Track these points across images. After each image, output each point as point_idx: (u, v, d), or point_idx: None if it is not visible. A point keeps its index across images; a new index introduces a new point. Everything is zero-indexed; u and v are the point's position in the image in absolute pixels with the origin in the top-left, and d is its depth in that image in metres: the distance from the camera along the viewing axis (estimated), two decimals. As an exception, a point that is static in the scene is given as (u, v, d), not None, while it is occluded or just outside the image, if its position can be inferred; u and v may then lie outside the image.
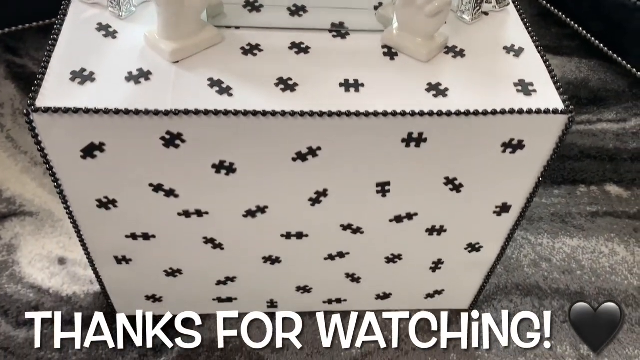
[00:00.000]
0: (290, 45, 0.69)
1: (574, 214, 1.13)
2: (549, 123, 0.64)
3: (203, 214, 0.72)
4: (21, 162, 1.13)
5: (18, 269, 0.98)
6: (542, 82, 0.66)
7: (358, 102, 0.63)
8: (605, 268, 1.05)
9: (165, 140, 0.62)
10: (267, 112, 0.60)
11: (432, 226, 0.78)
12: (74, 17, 0.69)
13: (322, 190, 0.70)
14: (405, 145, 0.65)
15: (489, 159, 0.68)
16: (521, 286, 1.01)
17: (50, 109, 0.59)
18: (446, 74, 0.67)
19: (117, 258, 0.80)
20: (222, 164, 0.66)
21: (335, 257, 0.82)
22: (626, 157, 1.24)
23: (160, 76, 0.63)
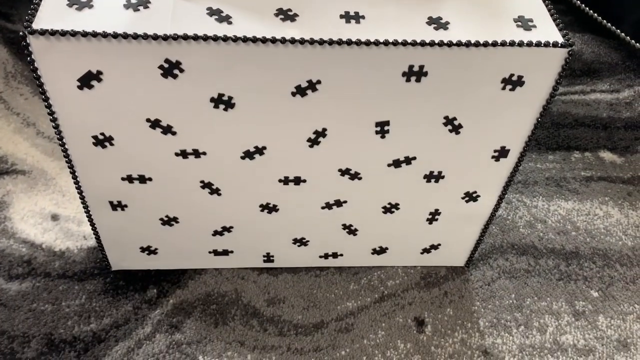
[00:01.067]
0: (290, -19, 0.68)
1: (568, 179, 1.14)
2: (549, 56, 0.64)
3: (200, 154, 0.72)
4: (13, 123, 1.12)
5: (10, 225, 0.96)
6: (541, 18, 0.67)
7: (359, 32, 0.62)
8: (600, 229, 1.06)
9: (163, 69, 0.62)
10: (267, 39, 0.60)
11: (430, 172, 0.78)
12: (71, -49, 0.68)
13: (321, 129, 0.70)
14: (406, 80, 0.65)
15: (489, 96, 0.68)
16: (517, 245, 1.02)
17: (47, 31, 0.58)
18: (447, 9, 0.67)
19: (112, 203, 0.79)
20: (221, 98, 0.65)
21: (332, 206, 0.82)
22: (619, 125, 1.25)
23: (159, 4, 0.62)
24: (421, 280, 0.95)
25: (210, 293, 0.90)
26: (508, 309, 0.93)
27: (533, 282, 0.97)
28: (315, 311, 0.90)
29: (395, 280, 0.95)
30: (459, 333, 0.90)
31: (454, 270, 0.97)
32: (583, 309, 0.94)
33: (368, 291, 0.93)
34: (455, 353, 0.87)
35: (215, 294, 0.90)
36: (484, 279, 0.96)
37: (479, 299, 0.94)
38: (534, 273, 0.98)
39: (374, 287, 0.94)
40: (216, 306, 0.89)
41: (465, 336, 0.89)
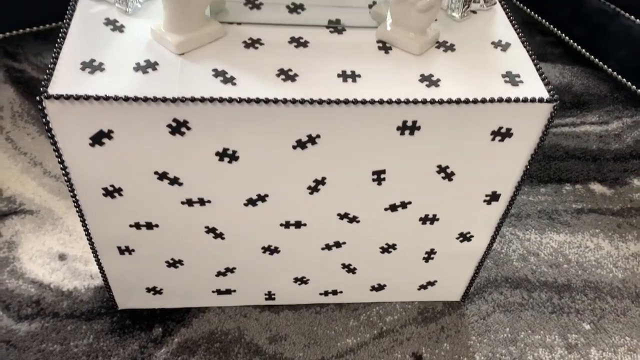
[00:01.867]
0: (290, 40, 0.72)
1: (560, 211, 1.17)
2: (535, 111, 0.68)
3: (205, 202, 0.75)
4: (21, 163, 1.15)
5: (19, 265, 0.99)
6: (528, 74, 0.70)
7: (355, 91, 0.66)
8: (591, 262, 1.09)
9: (171, 128, 0.65)
10: (269, 99, 0.64)
11: (425, 215, 0.81)
12: (82, 13, 0.72)
13: (321, 178, 0.74)
14: (400, 133, 0.69)
15: (479, 147, 0.71)
16: (510, 279, 1.05)
17: (62, 96, 0.61)
18: (438, 66, 0.71)
19: (120, 248, 0.82)
20: (226, 152, 0.69)
21: (332, 247, 0.85)
22: (609, 157, 1.29)
23: (167, 67, 0.66)
24: (418, 315, 0.98)
25: (214, 331, 0.93)
26: (503, 343, 0.96)
27: (527, 315, 1.00)
28: (316, 348, 0.93)
29: (394, 315, 0.98)
30: (456, 367, 0.92)
31: (450, 305, 1.00)
32: (575, 342, 0.97)
33: (367, 327, 0.96)
34: (452, 388, 0.90)
35: (219, 332, 0.93)
36: (479, 313, 0.99)
37: (474, 333, 0.97)
38: (527, 306, 1.01)
39: (373, 323, 0.97)
40: (220, 344, 0.92)
41: (461, 371, 0.92)
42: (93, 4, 0.74)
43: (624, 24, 1.18)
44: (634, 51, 1.18)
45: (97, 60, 0.66)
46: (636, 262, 1.10)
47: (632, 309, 1.02)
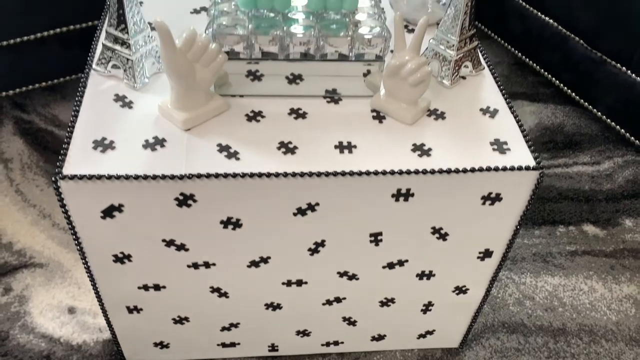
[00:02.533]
0: (289, 111, 0.77)
1: (554, 254, 1.20)
2: (522, 178, 0.72)
3: (210, 265, 0.79)
4: (30, 215, 1.19)
5: (29, 319, 1.02)
6: (515, 141, 0.74)
7: (351, 162, 0.70)
8: (585, 305, 1.12)
9: (178, 201, 0.69)
10: (270, 173, 0.68)
11: (422, 271, 0.84)
12: (93, 89, 0.77)
13: (320, 241, 0.77)
14: (395, 200, 0.72)
15: (471, 211, 0.75)
16: (507, 324, 1.08)
17: (75, 176, 0.65)
18: (429, 135, 0.75)
19: (128, 308, 0.85)
20: (229, 220, 0.72)
21: (332, 302, 0.88)
22: (601, 197, 1.32)
23: (174, 143, 0.70)
24: (418, 362, 1.01)
25: (219, 383, 0.96)
26: (501, 389, 0.98)
27: (524, 360, 1.03)
28: (319, 398, 0.95)
29: (394, 363, 1.00)
30: (455, 415, 0.95)
31: (449, 352, 1.03)
32: (572, 387, 0.99)
33: (368, 376, 0.98)
34: None
35: (224, 383, 0.96)
36: (476, 359, 1.02)
37: (473, 380, 0.99)
38: (524, 351, 1.04)
39: (373, 371, 0.99)
40: (225, 396, 0.94)
41: (461, 418, 0.94)
42: (103, 79, 0.78)
43: (611, 71, 1.22)
44: (621, 97, 1.22)
45: (108, 139, 0.70)
46: (629, 304, 1.13)
47: (626, 352, 1.05)
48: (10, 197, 1.22)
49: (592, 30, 1.23)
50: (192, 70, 0.69)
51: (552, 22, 1.32)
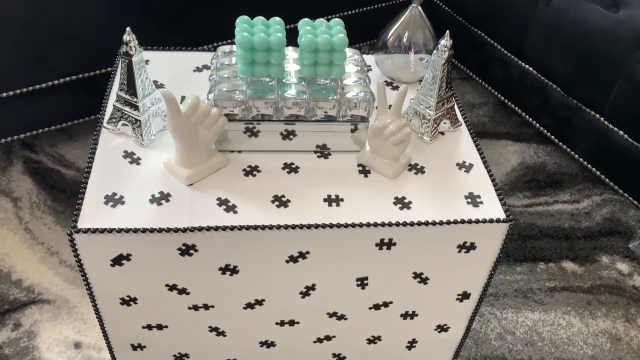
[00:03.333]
0: (283, 166, 0.84)
1: (534, 290, 1.27)
2: (494, 229, 0.79)
3: (209, 307, 0.85)
4: (38, 253, 1.26)
5: (38, 354, 1.08)
6: (487, 195, 0.82)
7: (339, 214, 0.77)
8: (563, 339, 1.18)
9: (181, 251, 0.76)
10: (265, 226, 0.75)
11: (406, 312, 0.91)
12: (104, 145, 0.84)
13: (311, 285, 0.84)
14: (379, 249, 0.80)
15: (448, 258, 0.82)
16: (489, 358, 1.14)
17: (89, 230, 0.72)
18: (410, 189, 0.82)
19: (133, 345, 0.91)
20: (227, 267, 0.79)
21: (323, 340, 0.95)
22: (579, 235, 1.40)
23: (178, 197, 0.78)
24: (404, 395, 1.07)
25: (216, 415, 1.02)
26: (482, 422, 1.04)
27: (504, 393, 1.09)
28: None
29: (381, 396, 1.06)
30: None
31: (433, 385, 1.09)
32: (549, 419, 1.05)
33: (357, 408, 1.04)
34: None
35: (221, 416, 1.01)
36: (460, 393, 1.08)
37: (456, 412, 1.05)
38: (505, 385, 1.10)
39: (362, 404, 1.05)
40: None
41: None
42: (114, 136, 0.86)
43: (586, 117, 1.31)
44: (596, 142, 1.30)
45: (118, 194, 0.77)
46: (605, 338, 1.19)
47: (601, 385, 1.12)
48: (20, 235, 1.29)
49: (568, 79, 1.32)
50: (196, 132, 0.77)
51: (531, 70, 1.40)
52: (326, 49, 0.79)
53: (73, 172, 1.44)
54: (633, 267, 1.33)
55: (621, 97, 1.21)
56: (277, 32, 0.79)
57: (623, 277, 1.31)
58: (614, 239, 1.39)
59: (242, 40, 0.78)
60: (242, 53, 0.79)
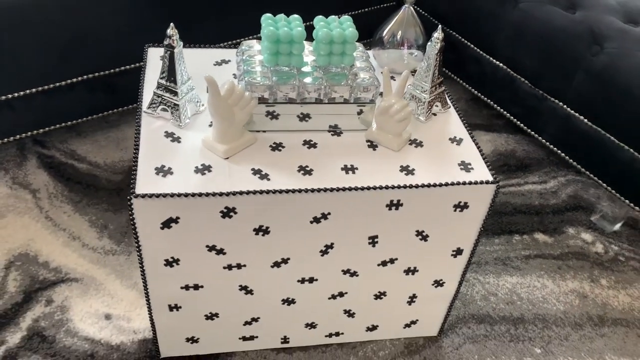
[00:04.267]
0: (303, 142, 0.98)
1: (512, 258, 1.44)
2: (484, 190, 0.95)
3: (242, 266, 0.98)
4: (61, 238, 1.35)
5: (72, 325, 1.18)
6: (477, 163, 0.97)
7: (355, 180, 0.92)
8: (539, 298, 1.35)
9: (223, 213, 0.89)
10: (295, 190, 0.88)
11: (408, 267, 1.06)
12: (146, 127, 0.96)
13: (330, 243, 0.98)
14: (388, 209, 0.94)
15: (445, 216, 0.97)
16: (475, 316, 1.29)
17: (146, 195, 0.84)
18: (412, 159, 0.97)
19: (170, 306, 1.03)
20: (260, 228, 0.92)
21: (336, 297, 1.08)
22: (548, 211, 1.57)
23: (218, 169, 0.90)
24: (405, 349, 1.21)
25: (240, 371, 1.14)
26: (473, 368, 1.19)
27: (490, 344, 1.24)
28: (325, 380, 1.14)
29: (385, 350, 1.20)
30: (437, 389, 1.15)
31: (429, 339, 1.23)
32: (530, 364, 1.21)
33: (364, 361, 1.18)
34: (435, 406, 1.13)
35: (245, 371, 1.14)
36: (453, 345, 1.23)
37: None
38: (490, 337, 1.25)
39: (369, 357, 1.19)
40: (246, 381, 1.12)
41: (442, 392, 1.15)
42: (153, 120, 0.98)
43: (551, 105, 1.49)
44: (560, 127, 1.48)
45: (167, 166, 0.89)
46: (573, 296, 1.36)
47: (572, 334, 1.28)
48: (42, 222, 1.38)
49: (535, 73, 1.50)
50: (232, 112, 0.90)
51: (501, 65, 1.58)
52: (340, 41, 0.94)
53: (86, 165, 1.54)
54: (595, 237, 1.51)
55: (581, 86, 1.39)
56: (297, 27, 0.93)
57: (587, 245, 1.49)
58: (578, 213, 1.57)
59: (269, 33, 0.92)
60: (268, 45, 0.93)
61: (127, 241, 1.36)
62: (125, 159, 1.57)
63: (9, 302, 1.21)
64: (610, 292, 1.38)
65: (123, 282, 1.27)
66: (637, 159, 1.34)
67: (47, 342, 1.15)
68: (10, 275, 1.26)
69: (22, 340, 1.15)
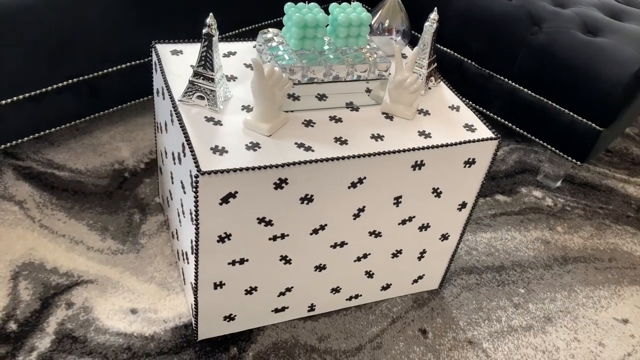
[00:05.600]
0: (330, 118, 1.08)
1: (482, 217, 1.63)
2: (488, 146, 1.10)
3: (285, 236, 1.06)
4: (63, 244, 1.33)
5: (100, 324, 1.18)
6: (477, 124, 1.13)
7: (384, 146, 1.03)
8: (512, 248, 1.54)
9: (276, 185, 0.97)
10: (338, 157, 0.98)
11: (422, 224, 1.19)
12: (186, 114, 1.01)
13: (362, 207, 1.09)
14: (413, 170, 1.07)
15: (457, 172, 1.12)
16: (465, 268, 1.46)
17: (211, 172, 0.90)
18: (425, 125, 1.11)
19: (215, 284, 1.08)
20: (306, 196, 1.01)
21: (361, 259, 1.19)
22: (501, 175, 1.79)
23: (265, 145, 0.98)
24: (414, 303, 1.34)
25: (276, 342, 1.21)
26: (474, 311, 1.35)
27: (482, 290, 1.41)
28: (354, 339, 1.24)
29: (397, 307, 1.33)
30: (449, 333, 1.29)
31: (432, 293, 1.38)
32: (518, 301, 1.40)
33: (383, 318, 1.30)
34: (452, 347, 1.27)
35: (280, 342, 1.21)
36: (452, 295, 1.38)
37: (454, 308, 1.35)
38: (481, 284, 1.42)
39: (385, 314, 1.31)
40: (284, 351, 1.20)
41: (454, 334, 1.29)
42: (189, 107, 1.03)
43: (497, 82, 1.70)
44: (507, 101, 1.70)
45: (220, 146, 0.96)
46: (539, 243, 1.57)
47: (545, 274, 1.49)
48: (37, 231, 1.35)
49: (480, 54, 1.70)
50: (273, 92, 0.98)
51: (449, 51, 1.77)
52: (357, 24, 1.06)
53: (67, 172, 1.52)
54: (544, 193, 1.75)
55: (524, 63, 1.61)
56: (320, 13, 1.04)
57: (539, 200, 1.72)
58: (526, 175, 1.81)
59: (297, 20, 1.01)
60: (296, 30, 1.03)
61: (131, 240, 1.37)
62: (107, 164, 1.57)
63: (27, 310, 1.19)
64: (567, 237, 1.61)
65: (139, 278, 1.29)
66: (576, 120, 1.58)
67: (79, 342, 1.15)
68: (20, 284, 1.23)
69: (52, 344, 1.14)
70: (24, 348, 1.12)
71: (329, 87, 1.10)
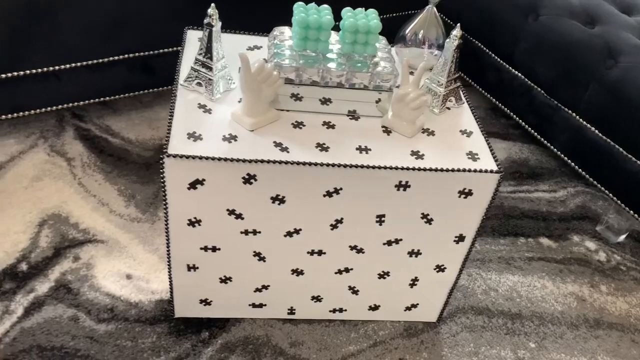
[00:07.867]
0: (323, 123, 1.06)
1: (515, 258, 1.49)
2: (487, 179, 1.01)
3: (257, 232, 1.06)
4: (91, 203, 1.45)
5: (95, 281, 1.27)
6: (484, 154, 1.04)
7: (367, 160, 0.99)
8: (537, 297, 1.40)
9: (244, 179, 0.97)
10: (311, 162, 0.96)
11: (412, 250, 1.12)
12: (182, 98, 1.05)
13: (340, 218, 1.05)
14: (397, 190, 1.01)
15: (450, 201, 1.04)
16: (475, 307, 1.35)
17: (177, 155, 0.93)
18: (423, 145, 1.04)
19: (188, 266, 1.11)
20: (277, 197, 1.00)
21: (342, 272, 1.16)
22: (555, 218, 1.62)
23: (243, 139, 0.99)
24: (404, 331, 1.27)
25: (247, 337, 1.21)
26: (468, 355, 1.25)
27: (487, 335, 1.30)
28: (326, 352, 1.21)
29: (385, 331, 1.27)
30: (432, 371, 1.21)
31: (428, 325, 1.29)
32: (523, 356, 1.26)
33: (365, 338, 1.25)
34: (429, 385, 1.19)
35: (252, 337, 1.21)
36: (450, 332, 1.29)
37: (446, 346, 1.26)
38: (487, 328, 1.31)
39: (369, 335, 1.25)
40: (252, 346, 1.20)
41: (436, 373, 1.21)
42: (188, 92, 1.07)
43: (564, 115, 1.54)
44: (573, 137, 1.54)
45: (197, 133, 0.98)
46: (572, 299, 1.41)
47: (567, 333, 1.33)
48: (74, 188, 1.48)
49: (549, 82, 1.56)
50: (260, 88, 0.99)
51: (519, 75, 1.64)
52: (364, 31, 1.02)
53: (119, 140, 1.64)
54: (599, 246, 1.56)
55: (593, 98, 1.45)
56: (326, 15, 1.02)
57: (590, 253, 1.54)
58: (584, 222, 1.62)
59: (299, 19, 1.00)
60: (298, 30, 1.02)
61: (152, 211, 1.45)
62: (156, 138, 1.67)
63: (40, 256, 1.31)
64: (609, 298, 1.43)
65: (145, 247, 1.36)
66: (643, 171, 1.39)
67: (72, 293, 1.24)
68: (43, 232, 1.36)
69: (49, 290, 1.24)
70: (25, 288, 1.24)
71: (334, 92, 1.07)
